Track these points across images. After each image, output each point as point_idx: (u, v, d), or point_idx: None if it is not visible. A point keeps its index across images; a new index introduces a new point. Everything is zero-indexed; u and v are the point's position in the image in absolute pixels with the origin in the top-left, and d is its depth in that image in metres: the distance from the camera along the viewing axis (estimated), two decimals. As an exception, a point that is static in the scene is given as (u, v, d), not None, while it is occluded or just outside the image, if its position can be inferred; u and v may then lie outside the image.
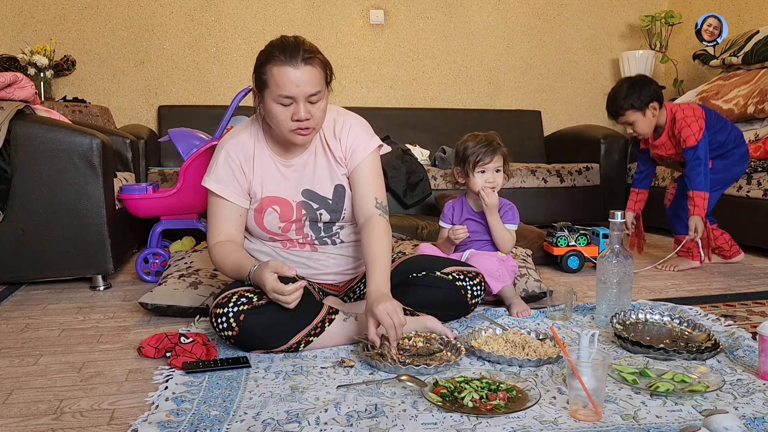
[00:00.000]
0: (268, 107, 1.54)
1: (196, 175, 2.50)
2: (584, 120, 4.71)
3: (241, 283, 1.60)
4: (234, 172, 1.65)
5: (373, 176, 1.70)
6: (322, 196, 1.70)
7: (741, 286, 2.35)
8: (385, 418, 1.19)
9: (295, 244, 1.73)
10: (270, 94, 1.52)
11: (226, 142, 1.68)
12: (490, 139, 2.03)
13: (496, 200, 1.99)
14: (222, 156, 1.66)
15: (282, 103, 1.51)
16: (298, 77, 1.49)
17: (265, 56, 1.53)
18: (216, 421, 1.19)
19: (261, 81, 1.54)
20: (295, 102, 1.51)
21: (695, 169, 2.46)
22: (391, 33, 4.37)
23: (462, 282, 1.75)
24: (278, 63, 1.49)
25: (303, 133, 1.55)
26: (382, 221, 1.65)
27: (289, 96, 1.50)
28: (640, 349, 1.54)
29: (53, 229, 2.27)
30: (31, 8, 3.88)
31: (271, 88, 1.51)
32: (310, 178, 1.69)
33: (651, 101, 2.50)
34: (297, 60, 1.48)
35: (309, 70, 1.50)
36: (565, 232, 2.62)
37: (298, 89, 1.49)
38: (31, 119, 2.27)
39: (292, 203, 1.68)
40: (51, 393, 1.37)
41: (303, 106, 1.51)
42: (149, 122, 4.09)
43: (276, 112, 1.53)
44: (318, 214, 1.70)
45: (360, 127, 1.72)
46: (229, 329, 1.53)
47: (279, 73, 1.49)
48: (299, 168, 1.69)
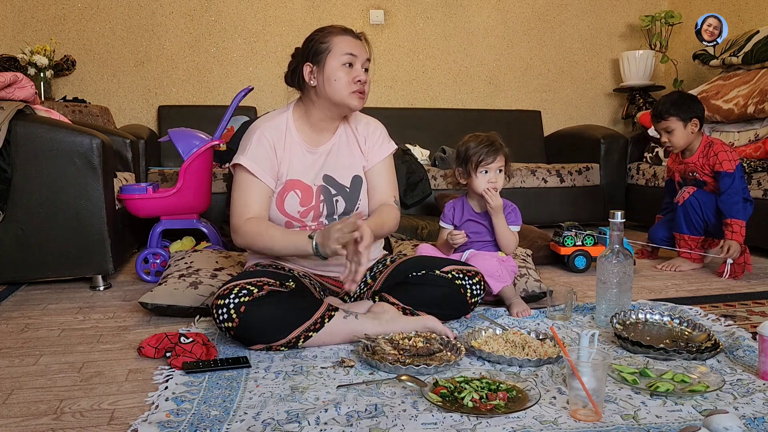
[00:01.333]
0: (329, 72, 1.68)
1: (196, 175, 2.50)
2: (584, 120, 4.71)
3: (245, 276, 1.61)
4: (267, 152, 1.72)
5: (390, 177, 1.87)
6: (340, 183, 1.79)
7: (741, 286, 2.35)
8: (385, 418, 1.19)
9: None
10: (334, 57, 1.67)
11: (261, 124, 1.76)
12: (492, 140, 2.03)
13: (500, 202, 1.99)
14: (256, 136, 1.73)
15: (346, 62, 1.67)
16: (358, 44, 1.71)
17: (321, 32, 1.71)
18: (216, 421, 1.19)
19: (320, 50, 1.69)
20: (355, 64, 1.69)
21: (733, 197, 2.50)
22: (391, 33, 4.37)
23: (461, 281, 1.75)
24: (338, 33, 1.70)
25: (360, 96, 1.71)
26: (394, 208, 1.83)
27: (354, 54, 1.68)
28: (640, 349, 1.54)
29: (53, 229, 2.27)
30: (31, 8, 3.88)
31: (335, 50, 1.68)
32: (331, 165, 1.80)
33: (694, 117, 2.58)
34: (352, 33, 1.73)
35: (363, 43, 1.73)
36: (572, 231, 2.63)
37: (360, 51, 1.70)
38: (31, 119, 2.27)
39: (312, 187, 1.76)
40: (51, 393, 1.37)
41: (361, 69, 1.70)
42: (149, 122, 4.09)
43: (339, 74, 1.67)
44: (334, 201, 1.78)
45: (382, 130, 1.90)
46: (229, 320, 1.53)
47: (341, 39, 1.69)
48: (323, 155, 1.79)
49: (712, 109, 3.43)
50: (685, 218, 2.64)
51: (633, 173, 3.89)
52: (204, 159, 2.51)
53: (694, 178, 2.67)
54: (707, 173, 2.62)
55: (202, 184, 2.53)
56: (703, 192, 2.62)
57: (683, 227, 2.65)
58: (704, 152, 2.61)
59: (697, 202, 2.60)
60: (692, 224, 2.62)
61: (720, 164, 2.54)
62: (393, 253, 2.16)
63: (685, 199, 2.62)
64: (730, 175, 2.51)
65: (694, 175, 2.67)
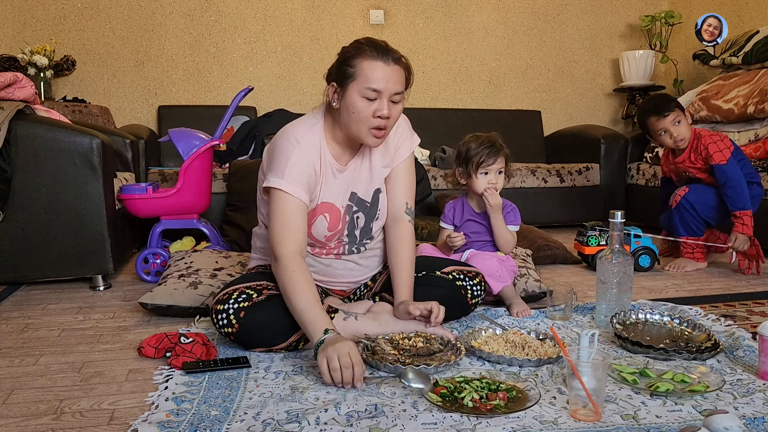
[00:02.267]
0: (350, 101, 1.52)
1: (196, 175, 2.50)
2: (584, 120, 4.71)
3: (244, 280, 1.61)
4: (308, 172, 1.57)
5: (409, 180, 1.75)
6: (363, 199, 1.69)
7: (741, 286, 2.35)
8: (385, 418, 1.19)
9: (321, 252, 1.71)
10: (356, 86, 1.50)
11: (300, 141, 1.57)
12: (492, 141, 2.03)
13: (500, 201, 1.99)
14: (297, 155, 1.56)
15: (367, 96, 1.50)
16: (388, 73, 1.50)
17: (354, 50, 1.53)
18: (216, 421, 1.19)
19: (347, 74, 1.52)
20: (380, 98, 1.51)
21: (735, 188, 2.47)
22: (391, 33, 4.37)
23: (462, 282, 1.75)
24: (369, 57, 1.50)
25: (379, 134, 1.54)
26: (409, 228, 1.72)
27: (377, 89, 1.49)
28: (640, 349, 1.54)
29: (53, 229, 2.27)
30: (31, 8, 3.88)
31: (359, 80, 1.50)
32: (357, 181, 1.68)
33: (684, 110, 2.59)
34: (388, 57, 1.51)
35: (397, 70, 1.52)
36: (596, 231, 2.63)
37: (386, 85, 1.50)
38: (31, 119, 2.27)
39: (341, 210, 1.66)
40: (51, 393, 1.37)
41: (386, 103, 1.52)
42: (149, 122, 4.09)
43: (359, 106, 1.51)
44: (355, 218, 1.69)
45: (406, 123, 1.76)
46: (229, 326, 1.53)
47: (369, 67, 1.49)
48: (352, 172, 1.67)
49: (712, 109, 3.43)
50: (681, 221, 2.61)
51: (633, 173, 3.89)
52: (204, 159, 2.51)
53: (688, 176, 2.66)
54: (700, 167, 2.59)
55: (202, 184, 2.53)
56: (698, 188, 2.59)
57: (680, 230, 2.63)
58: (694, 147, 2.58)
59: (689, 204, 2.57)
60: (689, 226, 2.60)
61: (711, 157, 2.50)
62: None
63: (677, 202, 2.61)
64: (723, 167, 2.48)
65: (687, 174, 2.65)
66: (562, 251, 2.77)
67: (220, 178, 3.32)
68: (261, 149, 3.67)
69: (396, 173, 1.72)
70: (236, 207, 3.05)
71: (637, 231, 2.63)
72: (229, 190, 3.16)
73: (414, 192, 1.77)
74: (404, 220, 1.72)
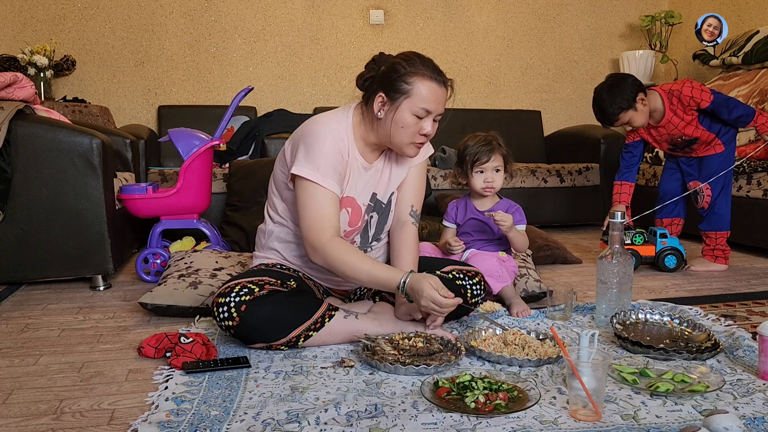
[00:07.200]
0: (400, 116, 1.56)
1: (196, 175, 2.50)
2: (584, 120, 4.71)
3: (247, 275, 1.61)
4: (340, 164, 1.61)
5: (418, 184, 1.80)
6: (380, 201, 1.75)
7: (741, 286, 2.35)
8: (385, 418, 1.19)
9: None
10: (409, 104, 1.55)
11: (330, 134, 1.59)
12: (489, 139, 2.03)
13: (511, 221, 1.98)
14: (329, 146, 1.58)
15: (418, 114, 1.56)
16: (441, 96, 1.58)
17: (410, 66, 1.56)
18: (216, 421, 1.19)
19: (401, 90, 1.55)
20: (428, 117, 1.58)
21: (737, 105, 2.43)
22: (391, 33, 4.37)
23: (462, 281, 1.75)
24: (426, 78, 1.56)
25: (419, 147, 1.64)
26: (413, 230, 1.76)
27: (429, 110, 1.56)
28: (640, 349, 1.54)
29: (53, 229, 2.27)
30: (31, 8, 3.88)
31: (414, 98, 1.55)
32: (379, 182, 1.73)
33: (636, 95, 2.47)
34: (441, 79, 1.59)
35: (446, 92, 1.61)
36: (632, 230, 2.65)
37: (437, 106, 1.58)
38: (31, 119, 2.27)
39: (362, 207, 1.70)
40: (51, 393, 1.37)
41: (432, 122, 1.59)
42: (149, 122, 4.09)
43: (408, 122, 1.57)
44: (371, 218, 1.74)
45: None
46: (229, 319, 1.53)
47: (427, 87, 1.55)
48: (377, 171, 1.72)
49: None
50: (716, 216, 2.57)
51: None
52: (204, 159, 2.51)
53: (684, 139, 2.57)
54: (690, 121, 2.50)
55: (202, 184, 2.53)
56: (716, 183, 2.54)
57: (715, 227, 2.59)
58: (676, 105, 2.50)
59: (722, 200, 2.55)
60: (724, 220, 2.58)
61: (699, 104, 2.45)
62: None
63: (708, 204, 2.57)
64: (714, 101, 2.43)
65: (683, 138, 2.56)
66: (562, 251, 2.77)
67: (220, 178, 3.32)
68: (261, 149, 3.67)
69: (411, 177, 1.78)
70: (236, 207, 3.05)
71: (663, 231, 2.63)
72: (229, 190, 3.16)
73: (422, 196, 1.82)
74: (408, 223, 1.76)
